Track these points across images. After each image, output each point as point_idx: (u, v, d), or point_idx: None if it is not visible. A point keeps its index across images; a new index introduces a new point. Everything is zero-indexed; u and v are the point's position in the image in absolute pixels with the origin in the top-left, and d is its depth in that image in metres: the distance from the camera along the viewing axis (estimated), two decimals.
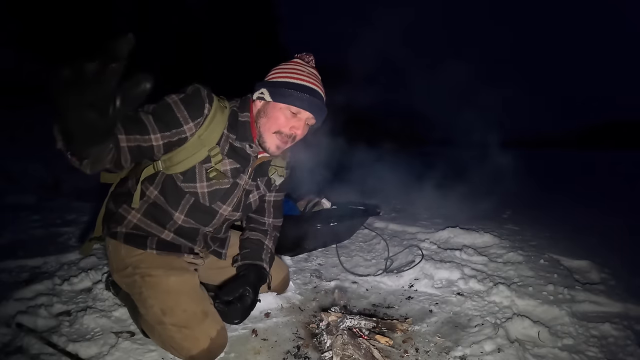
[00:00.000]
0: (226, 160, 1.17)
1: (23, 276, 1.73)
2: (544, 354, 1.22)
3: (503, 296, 1.55)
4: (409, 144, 9.79)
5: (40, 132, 4.99)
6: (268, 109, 1.15)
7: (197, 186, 1.16)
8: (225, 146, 1.17)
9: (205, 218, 1.23)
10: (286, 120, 1.14)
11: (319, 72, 1.23)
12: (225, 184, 1.19)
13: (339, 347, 1.10)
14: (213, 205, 1.21)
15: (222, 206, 1.23)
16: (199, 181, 1.15)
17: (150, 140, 1.00)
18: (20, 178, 3.80)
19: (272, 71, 1.19)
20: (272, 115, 1.14)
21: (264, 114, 1.16)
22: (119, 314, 1.39)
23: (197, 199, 1.18)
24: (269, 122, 1.15)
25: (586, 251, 2.19)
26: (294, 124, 1.15)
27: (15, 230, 2.41)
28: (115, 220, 1.20)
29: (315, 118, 1.19)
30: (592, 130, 75.84)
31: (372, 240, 2.40)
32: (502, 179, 3.46)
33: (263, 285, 1.32)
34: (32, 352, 1.14)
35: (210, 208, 1.21)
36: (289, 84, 1.13)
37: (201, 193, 1.17)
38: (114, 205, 1.23)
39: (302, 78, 1.15)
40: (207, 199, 1.19)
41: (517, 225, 2.82)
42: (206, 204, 1.19)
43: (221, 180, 1.17)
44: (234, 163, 1.19)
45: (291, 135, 1.16)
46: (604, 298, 1.61)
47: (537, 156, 15.80)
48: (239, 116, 1.19)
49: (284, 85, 1.13)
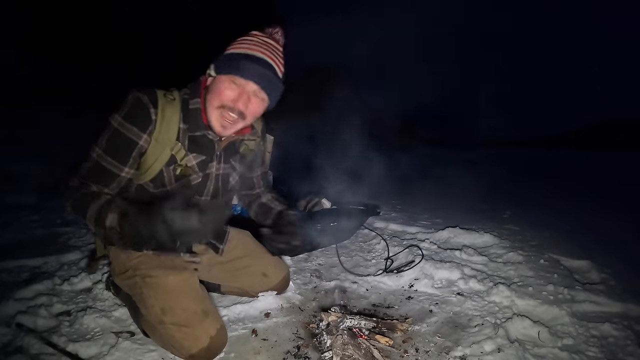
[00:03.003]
0: (190, 155, 1.13)
1: (23, 276, 1.73)
2: (544, 354, 1.22)
3: (503, 296, 1.55)
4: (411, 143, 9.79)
5: (40, 132, 5.00)
6: (213, 84, 1.09)
7: (168, 189, 1.14)
8: (184, 140, 1.12)
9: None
10: (228, 92, 1.05)
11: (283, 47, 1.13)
12: (195, 179, 1.16)
13: (339, 347, 1.11)
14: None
15: (200, 199, 1.21)
16: (169, 184, 1.13)
17: (124, 174, 1.09)
18: (20, 178, 3.79)
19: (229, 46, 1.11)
20: (214, 89, 1.07)
21: (209, 90, 1.10)
22: (119, 314, 1.39)
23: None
24: (212, 97, 1.08)
25: (586, 251, 2.19)
26: (235, 95, 1.05)
27: (15, 230, 2.41)
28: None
29: (266, 91, 1.08)
30: (592, 130, 75.76)
31: (372, 240, 2.40)
32: (502, 178, 3.46)
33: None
34: (32, 352, 1.14)
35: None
36: (233, 55, 1.06)
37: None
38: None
39: (250, 47, 1.06)
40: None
41: (517, 225, 2.82)
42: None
43: (190, 176, 1.14)
44: (199, 156, 1.15)
45: (235, 109, 1.06)
46: (604, 298, 1.61)
47: (537, 156, 15.80)
48: (189, 104, 1.12)
49: (228, 57, 1.07)
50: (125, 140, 1.05)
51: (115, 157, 1.06)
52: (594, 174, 9.07)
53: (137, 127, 1.05)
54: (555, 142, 27.96)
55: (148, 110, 1.05)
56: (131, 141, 1.06)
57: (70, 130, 5.12)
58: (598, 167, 10.93)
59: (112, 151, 1.06)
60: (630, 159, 12.38)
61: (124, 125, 1.05)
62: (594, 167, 10.96)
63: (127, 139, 1.05)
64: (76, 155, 1.20)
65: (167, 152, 1.10)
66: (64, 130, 5.19)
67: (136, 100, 1.06)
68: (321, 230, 1.35)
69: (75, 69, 7.51)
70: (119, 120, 1.05)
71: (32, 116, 5.41)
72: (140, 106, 1.05)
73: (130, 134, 1.05)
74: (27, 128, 5.03)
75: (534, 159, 13.51)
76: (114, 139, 1.06)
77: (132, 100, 1.06)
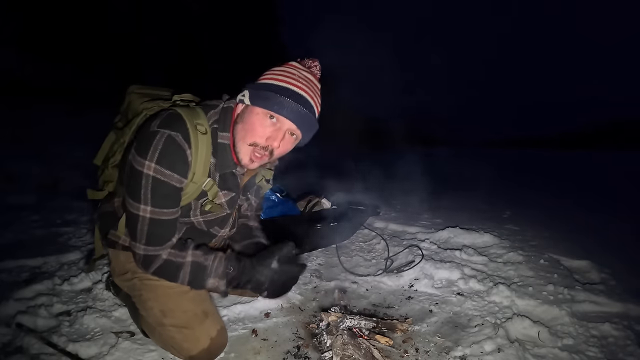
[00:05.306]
0: (220, 193, 1.09)
1: (23, 276, 1.73)
2: (544, 354, 1.22)
3: (503, 296, 1.55)
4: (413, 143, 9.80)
5: (40, 132, 5.00)
6: (245, 114, 1.00)
7: (192, 219, 1.11)
8: (215, 176, 1.07)
9: (204, 239, 1.19)
10: (262, 129, 0.97)
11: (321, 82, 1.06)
12: (221, 213, 1.14)
13: (339, 347, 1.10)
14: (211, 229, 1.17)
15: (220, 230, 1.20)
16: (193, 216, 1.10)
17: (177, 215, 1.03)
18: (20, 178, 3.80)
19: (264, 74, 1.04)
20: (247, 121, 0.99)
21: (241, 120, 1.01)
22: (119, 314, 1.39)
23: (194, 225, 1.14)
24: (244, 130, 1.00)
25: (586, 251, 2.19)
26: (270, 133, 0.98)
27: (15, 230, 2.41)
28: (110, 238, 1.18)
29: (301, 130, 1.01)
30: (592, 130, 75.84)
31: (372, 240, 2.40)
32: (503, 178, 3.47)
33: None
34: (32, 352, 1.14)
35: (208, 232, 1.18)
36: (271, 86, 0.97)
37: (197, 222, 1.13)
38: (104, 227, 1.19)
39: (289, 81, 0.98)
40: (203, 226, 1.15)
41: (517, 225, 2.82)
42: (203, 229, 1.16)
43: (217, 211, 1.12)
44: (229, 193, 1.11)
45: (267, 147, 0.99)
46: (604, 298, 1.61)
47: (537, 156, 15.80)
48: (218, 137, 1.03)
49: (266, 87, 0.98)
50: (169, 187, 0.96)
51: (167, 207, 0.98)
52: (595, 174, 9.07)
53: (177, 174, 0.96)
54: (555, 142, 27.99)
55: (185, 153, 0.95)
56: (175, 188, 0.97)
57: (70, 130, 5.13)
58: (599, 166, 10.93)
59: (162, 203, 0.97)
60: (630, 159, 12.36)
61: (163, 173, 0.94)
62: (595, 166, 10.96)
63: (171, 186, 0.96)
64: (76, 156, 1.20)
65: (199, 188, 1.04)
66: (64, 130, 5.20)
67: (169, 140, 0.93)
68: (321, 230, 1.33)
69: (75, 69, 7.52)
70: (155, 168, 0.93)
71: (33, 116, 5.41)
72: (174, 148, 0.94)
73: (173, 181, 0.96)
74: (27, 128, 5.03)
75: (534, 159, 13.50)
76: (158, 189, 0.95)
77: (165, 140, 0.93)
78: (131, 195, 0.97)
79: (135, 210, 0.97)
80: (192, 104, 1.09)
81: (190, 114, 0.99)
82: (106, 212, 1.19)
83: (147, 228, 0.98)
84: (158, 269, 1.02)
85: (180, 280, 1.03)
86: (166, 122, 0.95)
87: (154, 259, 1.01)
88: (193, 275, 1.03)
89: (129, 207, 0.98)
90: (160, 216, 0.98)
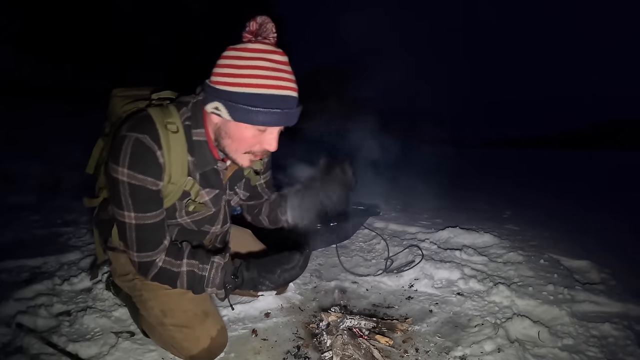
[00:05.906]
0: (203, 191, 1.07)
1: (23, 276, 1.73)
2: (544, 354, 1.22)
3: (503, 296, 1.55)
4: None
5: (39, 133, 5.00)
6: (230, 130, 0.94)
7: (178, 220, 1.09)
8: (195, 175, 1.03)
9: (198, 237, 1.19)
10: (255, 139, 0.94)
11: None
12: (208, 212, 1.12)
13: (339, 347, 1.11)
14: (202, 228, 1.16)
15: (211, 228, 1.18)
16: (180, 217, 1.08)
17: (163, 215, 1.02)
18: (20, 178, 3.80)
19: (225, 70, 0.89)
20: (236, 137, 0.94)
21: (226, 134, 0.95)
22: (119, 314, 1.39)
23: (183, 227, 1.13)
24: (235, 144, 0.96)
25: (586, 251, 2.19)
26: (265, 141, 0.95)
27: (15, 230, 2.41)
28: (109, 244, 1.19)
29: (291, 124, 0.98)
30: (592, 129, 76.15)
31: (372, 240, 2.40)
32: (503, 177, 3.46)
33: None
34: (32, 352, 1.14)
35: (199, 230, 1.17)
36: (251, 97, 0.87)
37: (185, 223, 1.11)
38: (102, 234, 1.20)
39: (267, 84, 0.87)
40: (193, 226, 1.14)
41: (517, 225, 2.82)
42: (194, 229, 1.15)
43: (203, 210, 1.10)
44: (212, 191, 1.09)
45: (263, 150, 0.98)
46: (604, 298, 1.61)
47: (537, 156, 15.78)
48: (192, 134, 1.00)
49: (244, 99, 0.87)
50: (146, 191, 0.94)
51: (149, 210, 0.97)
52: (595, 174, 9.07)
53: (150, 177, 0.93)
54: (555, 142, 28.02)
55: (154, 154, 0.92)
56: (152, 191, 0.95)
57: (70, 130, 5.12)
58: (599, 166, 10.92)
59: (144, 207, 0.96)
60: (630, 159, 12.37)
61: (136, 178, 0.92)
62: (595, 166, 10.95)
63: (147, 190, 0.94)
64: (76, 156, 1.20)
65: (179, 189, 1.02)
66: (63, 130, 5.20)
67: (137, 143, 0.90)
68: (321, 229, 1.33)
69: (75, 69, 7.52)
70: (128, 173, 0.91)
71: (32, 116, 5.41)
72: (143, 151, 0.91)
73: (148, 184, 0.94)
74: (27, 128, 5.03)
75: (534, 159, 13.51)
76: (136, 194, 0.94)
77: (133, 143, 0.90)
78: (115, 204, 0.97)
79: (121, 218, 0.97)
80: (166, 102, 1.06)
81: (160, 114, 0.96)
82: (103, 220, 1.19)
83: (134, 235, 0.98)
84: (155, 276, 1.03)
85: (179, 288, 1.05)
86: (134, 125, 0.93)
87: (149, 266, 1.01)
88: (190, 285, 1.04)
89: (116, 215, 0.99)
90: (145, 220, 0.97)
